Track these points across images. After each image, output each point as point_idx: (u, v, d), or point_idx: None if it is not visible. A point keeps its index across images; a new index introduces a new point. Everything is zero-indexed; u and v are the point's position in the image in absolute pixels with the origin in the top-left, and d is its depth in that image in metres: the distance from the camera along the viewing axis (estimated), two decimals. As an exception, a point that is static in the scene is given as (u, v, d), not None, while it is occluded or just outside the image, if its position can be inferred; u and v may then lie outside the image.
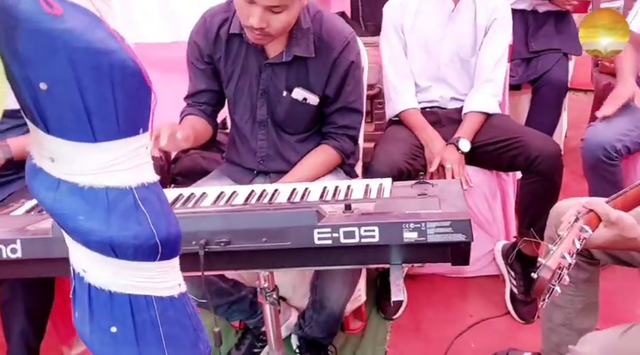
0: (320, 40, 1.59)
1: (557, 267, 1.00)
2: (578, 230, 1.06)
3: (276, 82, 1.64)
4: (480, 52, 2.08)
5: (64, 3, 0.36)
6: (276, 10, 1.43)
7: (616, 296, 1.95)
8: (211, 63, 1.68)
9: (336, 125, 1.69)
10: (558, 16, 2.63)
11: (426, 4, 2.08)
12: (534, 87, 2.58)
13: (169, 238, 0.47)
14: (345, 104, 1.66)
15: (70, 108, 0.39)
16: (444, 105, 2.14)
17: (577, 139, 2.97)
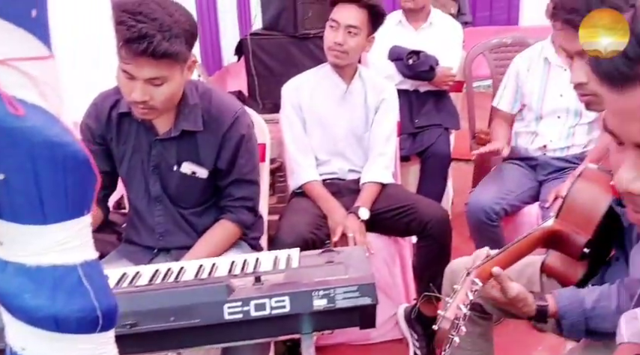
0: (209, 115, 1.64)
1: (455, 318, 1.09)
2: (470, 283, 1.16)
3: (166, 157, 1.66)
4: (372, 128, 2.26)
5: (26, 104, 0.41)
6: (156, 83, 1.46)
7: (511, 350, 2.10)
8: (103, 144, 1.68)
9: (232, 197, 1.71)
10: (437, 95, 2.94)
11: (321, 86, 2.25)
12: (422, 158, 2.82)
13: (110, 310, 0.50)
14: (240, 176, 1.70)
15: (25, 195, 0.43)
16: (343, 177, 2.28)
17: (462, 205, 3.24)
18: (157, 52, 1.40)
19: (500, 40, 3.06)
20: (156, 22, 1.40)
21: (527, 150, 2.35)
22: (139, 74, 1.44)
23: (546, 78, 2.29)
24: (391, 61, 2.89)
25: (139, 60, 1.41)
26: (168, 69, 1.46)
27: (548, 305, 1.24)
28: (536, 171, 2.31)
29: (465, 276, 1.19)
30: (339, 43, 2.09)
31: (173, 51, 1.42)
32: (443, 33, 2.91)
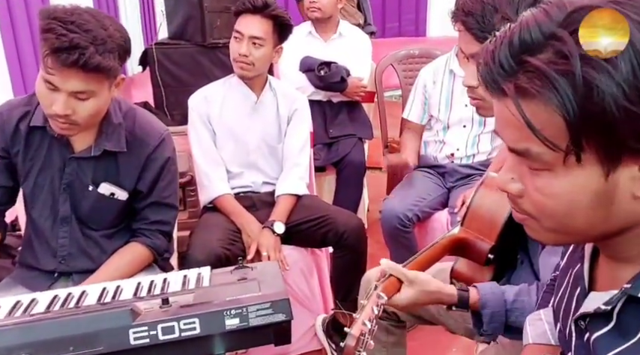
0: (133, 135, 1.57)
1: (360, 334, 1.08)
2: (376, 297, 1.15)
3: (81, 176, 1.57)
4: (286, 139, 2.24)
5: None
6: (81, 97, 1.38)
7: (425, 354, 2.14)
8: (6, 157, 1.56)
9: (148, 221, 1.64)
10: (350, 105, 2.97)
11: (231, 96, 2.20)
12: (337, 168, 2.83)
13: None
14: (159, 199, 1.63)
15: None
16: (257, 190, 2.24)
17: (378, 212, 3.29)
18: (89, 64, 1.32)
19: (408, 52, 3.15)
20: (89, 34, 1.32)
21: (436, 159, 2.42)
22: (64, 86, 1.35)
23: (452, 89, 2.36)
24: (302, 72, 2.89)
25: (66, 71, 1.33)
26: (97, 84, 1.39)
27: (470, 292, 1.24)
28: (444, 178, 2.38)
29: (373, 290, 1.17)
30: (244, 54, 2.06)
31: (105, 65, 1.35)
32: (352, 44, 2.94)
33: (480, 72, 0.67)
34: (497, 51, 0.64)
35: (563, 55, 0.59)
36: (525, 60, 0.62)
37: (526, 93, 0.62)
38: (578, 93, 0.58)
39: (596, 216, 0.64)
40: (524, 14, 0.65)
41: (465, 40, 1.19)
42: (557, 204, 0.65)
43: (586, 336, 0.76)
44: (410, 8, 6.19)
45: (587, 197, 0.63)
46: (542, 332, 1.01)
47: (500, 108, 0.66)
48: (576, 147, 0.60)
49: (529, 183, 0.67)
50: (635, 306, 0.67)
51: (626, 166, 0.61)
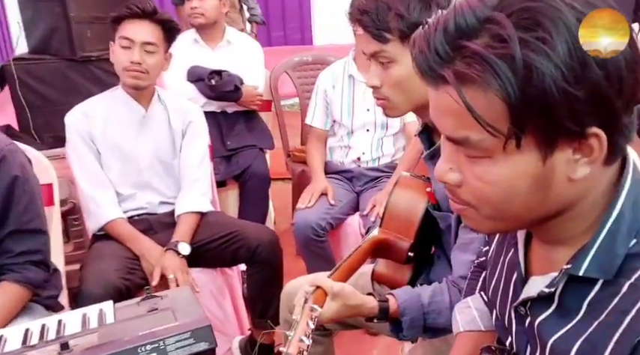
0: None
1: (298, 352, 1.02)
2: (309, 310, 1.10)
3: None
4: (181, 154, 2.08)
5: None
6: None
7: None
8: None
9: (12, 253, 1.41)
10: (247, 115, 2.84)
11: (115, 111, 2.00)
12: (240, 182, 2.69)
13: None
14: (19, 226, 1.41)
15: None
16: (154, 211, 2.05)
17: (285, 223, 3.20)
18: None
19: (301, 58, 3.11)
20: None
21: (342, 164, 2.40)
22: None
23: (352, 94, 2.35)
24: (191, 83, 2.73)
25: None
26: None
27: (389, 301, 1.25)
28: (352, 182, 2.36)
29: (304, 304, 1.12)
30: (137, 61, 1.89)
31: None
32: (242, 51, 2.83)
33: (415, 60, 0.66)
34: (432, 38, 0.64)
35: (502, 38, 0.59)
36: (463, 45, 0.61)
37: (465, 79, 0.61)
38: (519, 76, 0.58)
39: (534, 201, 0.65)
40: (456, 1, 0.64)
41: (363, 41, 1.18)
42: (496, 190, 0.65)
43: (527, 321, 0.76)
44: (294, 17, 6.20)
45: (526, 182, 0.64)
46: (472, 318, 1.02)
47: (437, 97, 0.66)
48: (517, 131, 0.61)
49: (467, 171, 0.67)
50: (575, 286, 0.68)
51: (561, 150, 0.62)
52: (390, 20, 1.11)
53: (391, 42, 1.13)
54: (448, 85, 0.62)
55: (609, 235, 0.66)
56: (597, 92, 0.59)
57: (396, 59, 1.14)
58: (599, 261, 0.66)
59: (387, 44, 1.13)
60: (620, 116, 0.61)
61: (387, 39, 1.13)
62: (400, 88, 1.17)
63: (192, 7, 2.69)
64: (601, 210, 0.67)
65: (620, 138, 0.63)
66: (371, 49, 1.17)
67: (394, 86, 1.16)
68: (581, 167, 0.63)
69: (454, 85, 0.61)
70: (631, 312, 0.62)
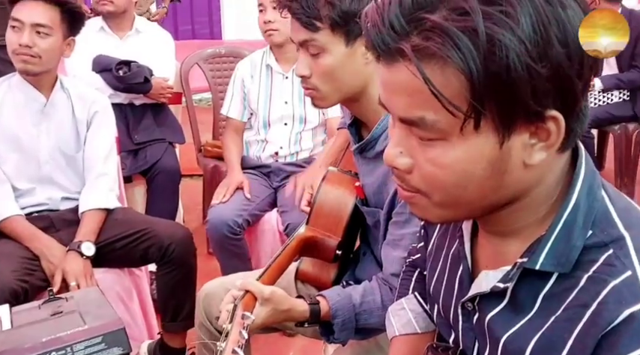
0: None
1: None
2: (241, 318, 1.04)
3: None
4: (86, 146, 1.93)
5: None
6: None
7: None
8: None
9: None
10: (155, 108, 2.70)
11: (12, 99, 1.84)
12: (148, 177, 2.55)
13: None
14: None
15: None
16: (55, 207, 1.90)
17: (195, 222, 3.09)
18: None
19: (214, 50, 3.02)
20: None
21: (259, 159, 2.33)
22: None
23: (270, 85, 2.29)
24: (97, 73, 2.56)
25: None
26: None
27: (320, 304, 1.21)
28: (270, 178, 2.30)
29: (233, 311, 1.06)
30: (26, 44, 1.74)
31: None
32: (152, 42, 2.69)
33: (368, 35, 0.62)
34: (386, 11, 0.60)
35: (463, 11, 0.56)
36: (421, 17, 0.58)
37: (424, 53, 0.58)
38: (482, 50, 0.56)
39: (489, 186, 0.63)
40: None
41: (293, 28, 1.14)
42: (450, 174, 0.62)
43: (475, 317, 0.73)
44: (202, 10, 6.03)
45: (481, 166, 0.61)
46: (407, 321, 0.99)
47: (390, 74, 0.62)
48: (477, 109, 0.58)
49: (419, 155, 0.64)
50: (528, 280, 0.65)
51: (519, 133, 0.60)
52: (321, 8, 1.08)
53: (321, 30, 1.10)
54: (403, 61, 0.59)
55: (565, 226, 0.63)
56: (559, 71, 0.57)
57: (326, 48, 1.11)
58: (555, 254, 0.63)
59: (317, 33, 1.10)
60: (579, 99, 0.60)
61: (317, 27, 1.09)
62: (330, 78, 1.13)
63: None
64: (554, 200, 0.66)
65: (577, 124, 0.62)
66: (300, 38, 1.13)
67: (324, 76, 1.13)
68: (537, 152, 0.61)
69: (412, 59, 0.58)
70: (591, 306, 0.59)
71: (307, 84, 1.16)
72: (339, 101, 1.18)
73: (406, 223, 1.13)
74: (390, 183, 1.16)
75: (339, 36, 1.10)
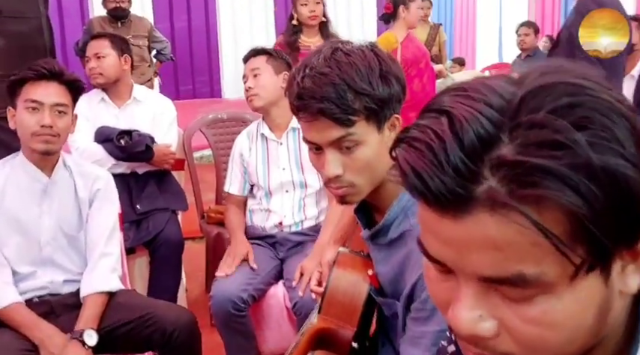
0: None
1: None
2: None
3: None
4: (89, 225, 1.90)
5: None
6: None
7: None
8: None
9: None
10: (158, 175, 2.68)
11: (14, 182, 1.82)
12: (151, 248, 2.51)
13: None
14: None
15: None
16: (56, 291, 1.84)
17: (197, 289, 3.01)
18: None
19: (216, 116, 3.02)
20: None
21: (264, 229, 2.27)
22: None
23: (267, 154, 2.27)
24: (99, 143, 2.55)
25: None
26: None
27: None
28: (275, 248, 2.23)
29: None
30: (49, 125, 1.74)
31: None
32: (152, 109, 2.69)
33: (424, 186, 0.50)
34: (442, 155, 0.49)
35: (558, 143, 0.47)
36: (496, 156, 0.48)
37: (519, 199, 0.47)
38: (601, 184, 0.47)
39: (594, 332, 0.52)
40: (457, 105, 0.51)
41: (319, 128, 1.04)
42: (560, 332, 0.51)
43: None
44: (203, 70, 6.12)
45: (592, 312, 0.51)
46: None
47: (461, 229, 0.50)
48: (599, 249, 0.48)
49: (511, 316, 0.52)
50: None
51: (614, 262, 0.51)
52: (353, 101, 1.01)
53: (357, 123, 1.02)
54: (480, 210, 0.49)
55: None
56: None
57: (362, 140, 1.03)
58: None
59: (352, 127, 1.02)
60: None
61: (352, 121, 1.02)
62: (366, 170, 1.05)
63: (90, 67, 2.58)
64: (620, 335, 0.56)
65: None
66: (333, 136, 1.03)
67: (360, 170, 1.05)
68: (630, 276, 0.52)
69: (517, 207, 0.47)
70: None
71: (340, 183, 1.06)
72: (369, 191, 1.10)
73: (428, 320, 1.05)
74: (408, 273, 1.08)
75: (373, 124, 1.04)
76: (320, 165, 1.09)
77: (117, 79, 2.61)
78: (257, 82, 2.20)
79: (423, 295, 1.03)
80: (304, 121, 1.06)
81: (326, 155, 1.05)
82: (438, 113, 0.52)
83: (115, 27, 4.35)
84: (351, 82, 1.00)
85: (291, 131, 2.25)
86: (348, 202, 1.10)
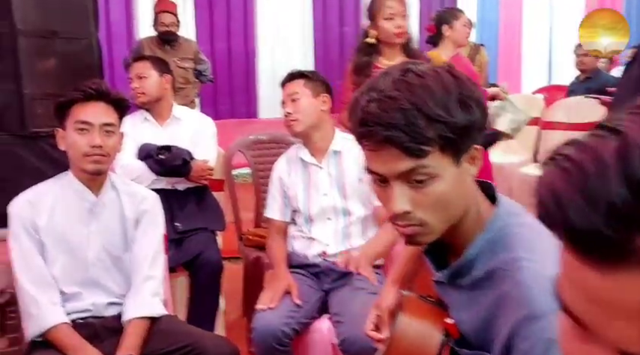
0: None
1: None
2: None
3: None
4: (134, 246, 1.88)
5: None
6: None
7: None
8: None
9: None
10: (198, 192, 2.68)
11: (63, 200, 1.82)
12: (191, 271, 2.48)
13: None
14: None
15: None
16: (100, 314, 1.82)
17: (235, 312, 2.96)
18: None
19: (256, 137, 3.00)
20: None
21: (306, 257, 2.16)
22: None
23: (307, 179, 2.19)
24: (141, 160, 2.57)
25: None
26: None
27: None
28: (320, 279, 2.13)
29: None
30: (99, 145, 1.75)
31: None
32: (192, 127, 2.71)
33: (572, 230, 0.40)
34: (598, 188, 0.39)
35: None
36: None
37: None
38: None
39: None
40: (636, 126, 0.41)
41: (385, 158, 0.91)
42: None
43: None
44: (240, 90, 6.16)
45: None
46: None
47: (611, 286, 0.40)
48: None
49: None
50: None
51: None
52: (427, 129, 0.88)
53: (430, 154, 0.89)
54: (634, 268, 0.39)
55: None
56: None
57: (436, 173, 0.91)
58: None
59: (425, 158, 0.89)
60: None
61: (425, 152, 0.89)
62: (441, 207, 0.93)
63: (134, 87, 2.63)
64: None
65: None
66: (402, 168, 0.91)
67: (434, 206, 0.92)
68: None
69: None
70: None
71: (409, 220, 0.94)
72: (444, 230, 0.98)
73: None
74: (502, 319, 0.91)
75: (449, 156, 0.91)
76: (385, 200, 0.96)
77: (159, 98, 2.65)
78: (296, 106, 2.13)
79: (523, 345, 0.87)
80: (368, 150, 0.95)
81: (393, 189, 0.93)
82: (608, 131, 0.41)
83: (163, 49, 4.38)
84: (424, 107, 0.88)
85: (332, 155, 2.17)
86: (418, 243, 0.99)
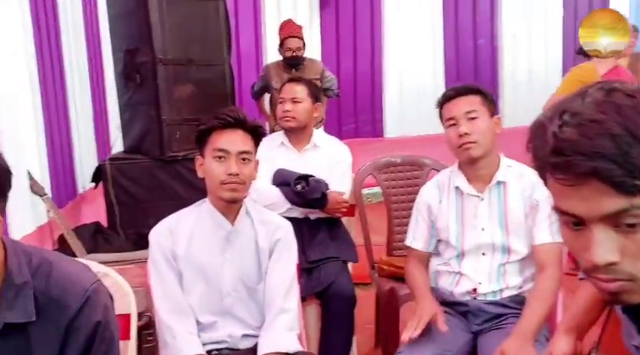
0: (47, 297, 1.13)
1: None
2: None
3: None
4: (268, 277, 1.82)
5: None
6: None
7: None
8: None
9: None
10: (329, 223, 2.59)
11: (200, 227, 1.81)
12: (323, 300, 2.39)
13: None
14: None
15: None
16: (235, 346, 1.77)
17: (366, 345, 2.82)
18: None
19: (389, 160, 2.87)
20: None
21: (452, 294, 1.94)
22: None
23: (462, 210, 1.95)
24: (276, 186, 2.52)
25: None
26: None
27: None
28: (468, 319, 1.90)
29: None
30: (236, 173, 1.73)
31: None
32: (329, 155, 2.61)
33: None
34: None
35: None
36: None
37: None
38: None
39: None
40: None
41: (586, 196, 0.75)
42: None
43: None
44: (365, 108, 6.08)
45: None
46: None
47: None
48: None
49: None
50: None
51: None
52: None
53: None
54: None
55: None
56: None
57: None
58: None
59: (638, 196, 0.73)
60: None
61: None
62: None
63: (285, 109, 2.55)
64: None
65: None
66: (610, 208, 0.74)
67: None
68: None
69: None
70: None
71: (614, 274, 0.77)
72: None
73: None
74: None
75: None
76: (580, 247, 0.78)
77: (306, 125, 2.59)
78: (474, 126, 1.86)
79: None
80: (563, 185, 0.77)
81: (593, 233, 0.75)
82: None
83: (289, 73, 4.37)
84: (635, 129, 0.71)
85: (495, 186, 1.91)
86: (624, 301, 0.80)
